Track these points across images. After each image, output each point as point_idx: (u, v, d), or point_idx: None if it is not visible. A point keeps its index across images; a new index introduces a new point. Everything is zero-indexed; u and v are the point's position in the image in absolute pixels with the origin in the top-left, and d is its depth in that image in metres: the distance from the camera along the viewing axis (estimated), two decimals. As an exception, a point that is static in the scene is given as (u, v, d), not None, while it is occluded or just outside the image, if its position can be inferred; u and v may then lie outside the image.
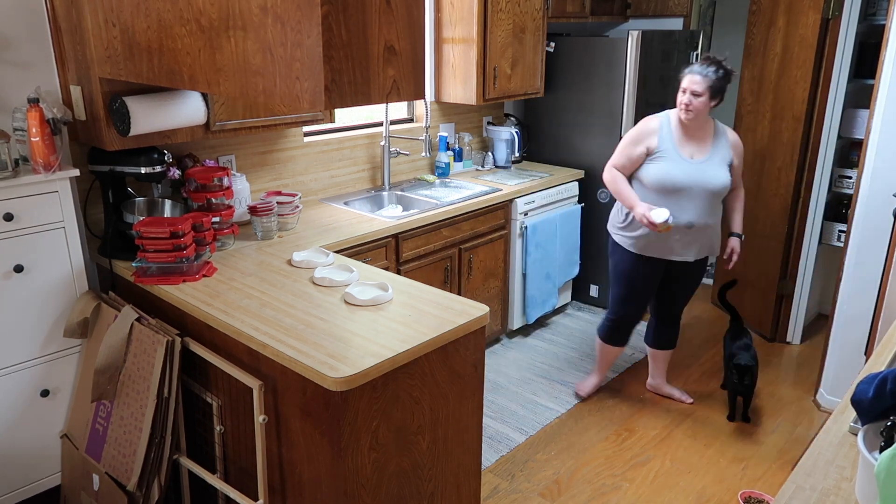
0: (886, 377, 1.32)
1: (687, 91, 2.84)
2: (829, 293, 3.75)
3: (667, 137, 2.94)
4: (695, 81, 2.81)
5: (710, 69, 2.80)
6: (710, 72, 2.80)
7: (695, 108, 2.84)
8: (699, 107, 2.83)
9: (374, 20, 1.52)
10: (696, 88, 2.81)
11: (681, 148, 2.93)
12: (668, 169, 2.90)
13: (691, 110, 2.84)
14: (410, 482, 2.03)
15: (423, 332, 1.95)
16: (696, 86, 2.81)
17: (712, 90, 2.81)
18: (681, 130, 2.95)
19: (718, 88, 2.82)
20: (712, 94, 2.82)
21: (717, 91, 2.82)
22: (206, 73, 1.78)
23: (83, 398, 2.40)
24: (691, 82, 2.82)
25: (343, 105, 1.52)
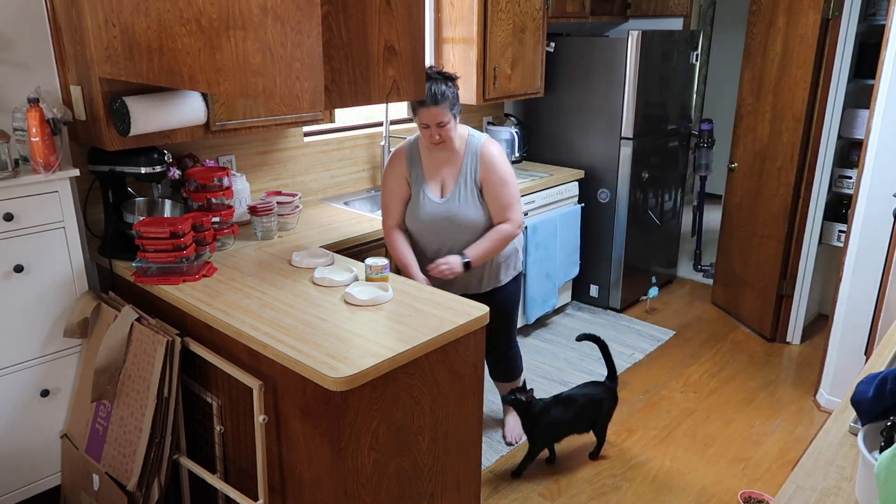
0: (886, 377, 1.32)
1: (431, 125, 2.47)
2: (829, 293, 3.75)
3: (416, 167, 2.64)
4: (436, 114, 2.44)
5: (442, 89, 2.43)
6: (444, 93, 2.43)
7: (446, 138, 2.51)
8: (450, 135, 2.52)
9: (374, 20, 1.52)
10: (442, 119, 2.45)
11: (430, 179, 2.62)
12: (415, 208, 2.63)
13: (443, 141, 2.52)
14: (410, 482, 2.03)
15: (423, 332, 1.95)
16: (440, 117, 2.45)
17: (454, 111, 2.50)
18: (428, 157, 2.62)
19: (457, 105, 2.51)
20: (456, 113, 2.51)
21: (457, 109, 2.52)
22: (206, 73, 1.78)
23: (83, 398, 2.40)
24: (433, 116, 2.44)
25: (343, 105, 1.52)
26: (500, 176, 2.58)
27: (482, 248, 2.59)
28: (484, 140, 2.61)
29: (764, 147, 3.93)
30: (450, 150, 2.60)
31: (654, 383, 3.59)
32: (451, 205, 2.60)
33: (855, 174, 3.49)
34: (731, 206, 4.28)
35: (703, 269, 5.13)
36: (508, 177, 2.60)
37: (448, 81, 2.47)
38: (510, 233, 2.62)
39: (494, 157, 2.57)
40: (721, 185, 4.80)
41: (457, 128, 2.58)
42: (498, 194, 2.58)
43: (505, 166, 2.60)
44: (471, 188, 2.59)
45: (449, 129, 2.51)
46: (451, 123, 2.51)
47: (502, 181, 2.58)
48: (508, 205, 2.60)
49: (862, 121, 3.54)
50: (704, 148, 5.05)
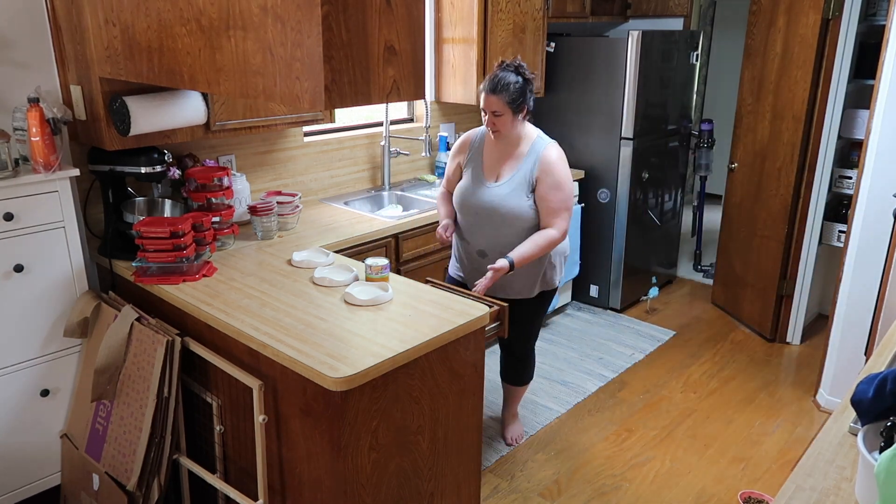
0: (886, 377, 1.32)
1: (487, 112, 2.52)
2: (829, 293, 3.75)
3: (476, 152, 2.69)
4: (491, 101, 2.49)
5: (509, 80, 2.47)
6: (506, 85, 2.46)
7: (501, 128, 2.54)
8: (505, 126, 2.54)
9: (374, 20, 1.52)
10: (495, 108, 2.49)
11: (487, 166, 2.66)
12: (464, 188, 2.67)
13: (498, 130, 2.55)
14: (410, 482, 2.03)
15: (423, 332, 1.95)
16: (493, 105, 2.49)
17: (513, 105, 2.49)
18: (491, 148, 2.66)
19: (520, 101, 2.50)
20: (515, 109, 2.50)
21: (518, 105, 2.50)
22: (206, 73, 1.78)
23: (83, 398, 2.40)
24: (489, 103, 2.50)
25: (343, 105, 1.52)
26: (555, 179, 2.55)
27: (527, 250, 2.54)
28: (549, 144, 2.61)
29: (764, 147, 3.93)
30: (512, 146, 2.61)
31: (654, 383, 3.59)
32: (500, 191, 2.59)
33: (855, 174, 3.49)
34: (731, 206, 4.28)
35: (703, 269, 5.13)
36: (564, 183, 2.57)
37: (519, 76, 2.48)
38: (554, 238, 2.57)
39: (554, 160, 2.56)
40: (721, 185, 4.80)
41: (520, 125, 2.58)
42: (549, 197, 2.55)
43: (563, 172, 2.57)
44: (523, 183, 2.57)
45: (504, 121, 2.51)
46: (507, 117, 2.51)
47: (556, 184, 2.55)
48: (557, 210, 2.56)
49: (862, 121, 3.54)
50: (704, 148, 5.05)
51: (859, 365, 3.05)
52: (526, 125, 2.63)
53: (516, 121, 2.55)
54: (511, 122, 2.54)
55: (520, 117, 2.55)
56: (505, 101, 2.48)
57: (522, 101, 2.51)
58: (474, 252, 2.71)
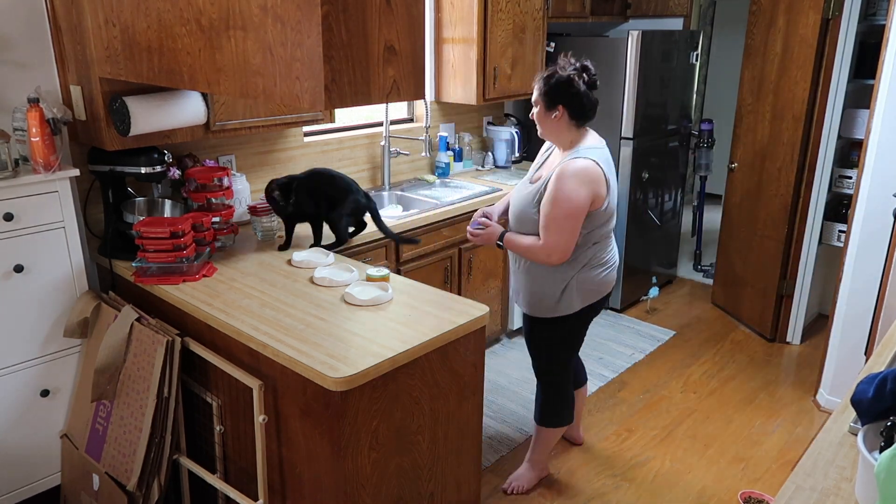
0: (886, 377, 1.32)
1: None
2: (829, 293, 3.75)
3: (542, 157, 2.60)
4: (532, 89, 2.42)
5: (548, 73, 2.37)
6: (541, 77, 2.39)
7: (536, 120, 2.43)
8: (538, 118, 2.42)
9: (374, 20, 1.52)
10: (533, 96, 2.41)
11: (535, 167, 2.57)
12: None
13: (535, 122, 2.44)
14: (410, 482, 2.03)
15: (423, 332, 1.95)
16: (533, 94, 2.41)
17: (547, 99, 2.36)
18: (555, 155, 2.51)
19: (553, 96, 2.34)
20: (547, 103, 2.36)
21: (552, 99, 2.35)
22: (206, 73, 1.78)
23: (83, 398, 2.40)
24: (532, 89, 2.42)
25: (343, 105, 1.52)
26: (553, 193, 2.32)
27: (518, 238, 2.45)
28: (578, 157, 2.35)
29: (764, 147, 3.93)
30: (560, 152, 2.45)
31: (654, 383, 3.59)
32: (522, 191, 2.49)
33: (855, 174, 3.49)
34: (731, 206, 4.28)
35: (703, 269, 5.13)
36: (561, 201, 2.30)
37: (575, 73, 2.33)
38: (534, 248, 2.39)
39: (566, 174, 2.31)
40: (721, 185, 4.80)
41: (563, 128, 2.39)
42: (543, 210, 2.35)
43: (566, 189, 2.30)
44: (538, 190, 2.39)
45: (538, 114, 2.40)
46: (540, 110, 2.38)
47: (552, 198, 2.32)
48: (545, 224, 2.35)
49: (862, 121, 3.54)
50: (704, 148, 5.05)
51: (859, 365, 3.05)
52: (578, 133, 2.42)
53: (547, 117, 2.38)
54: (543, 116, 2.39)
55: (553, 115, 2.37)
56: (538, 93, 2.38)
57: (556, 98, 2.33)
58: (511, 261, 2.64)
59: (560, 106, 2.35)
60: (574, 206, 2.31)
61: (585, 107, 2.37)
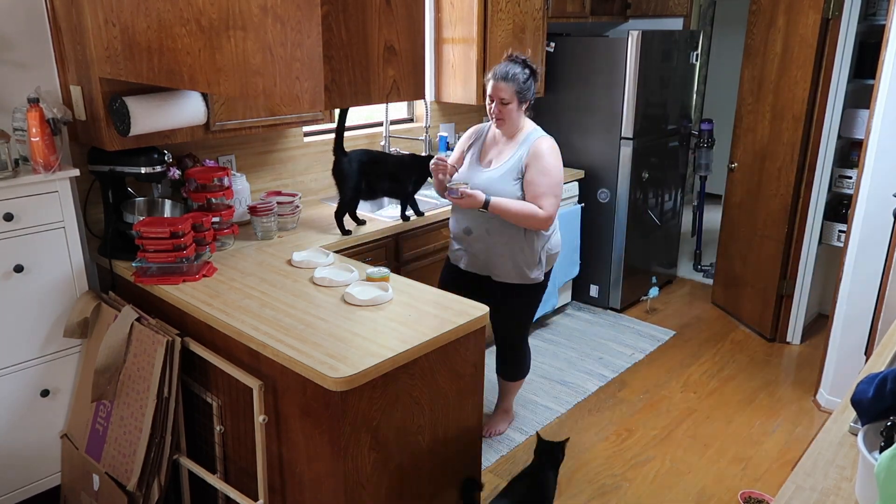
0: (886, 377, 1.32)
1: (495, 99, 2.63)
2: (829, 293, 3.75)
3: (478, 142, 2.82)
4: (500, 88, 2.60)
5: (516, 71, 2.60)
6: (515, 75, 2.59)
7: (505, 116, 2.65)
8: (510, 115, 2.65)
9: (374, 20, 1.52)
10: (503, 96, 2.60)
11: (484, 154, 2.78)
12: (461, 172, 2.78)
13: (502, 118, 2.66)
14: (410, 482, 2.03)
15: (423, 332, 1.95)
16: (502, 93, 2.60)
17: (520, 95, 2.62)
18: (493, 139, 2.78)
19: (526, 92, 2.63)
20: (521, 99, 2.63)
21: (524, 95, 2.63)
22: (206, 73, 1.78)
23: (83, 398, 2.40)
24: (497, 90, 2.61)
25: (343, 105, 1.52)
26: (543, 165, 2.63)
27: (507, 203, 2.62)
28: (541, 136, 2.70)
29: (764, 147, 3.93)
30: (510, 135, 2.71)
31: (654, 383, 3.59)
32: (489, 175, 2.69)
33: (855, 174, 3.49)
34: (731, 206, 4.28)
35: (703, 269, 5.13)
36: (552, 170, 2.65)
37: (525, 69, 2.62)
38: (537, 213, 2.62)
39: (543, 149, 2.65)
40: (721, 185, 4.80)
41: (520, 117, 2.69)
42: (535, 181, 2.63)
43: (552, 160, 2.66)
44: (513, 169, 2.66)
45: (510, 109, 2.62)
46: (513, 106, 2.62)
47: (544, 170, 2.63)
48: (544, 193, 2.63)
49: (862, 121, 3.54)
50: (704, 148, 5.05)
51: (859, 365, 3.05)
52: (525, 119, 2.74)
53: (520, 111, 2.67)
54: (516, 111, 2.65)
55: (523, 108, 2.67)
56: (514, 90, 2.60)
57: (528, 92, 2.64)
58: (461, 230, 2.80)
59: (528, 99, 2.68)
60: (561, 175, 2.70)
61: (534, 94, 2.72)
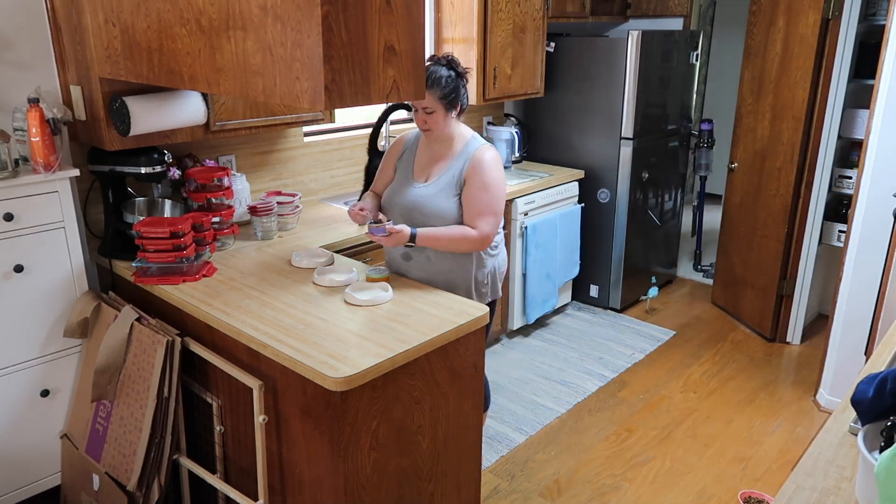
0: (886, 377, 1.32)
1: (419, 108, 2.35)
2: (829, 293, 3.75)
3: (410, 154, 2.53)
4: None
5: (440, 74, 2.30)
6: (438, 79, 2.30)
7: (432, 126, 2.37)
8: (437, 124, 2.36)
9: (374, 20, 1.52)
10: (426, 104, 2.32)
11: (417, 168, 2.49)
12: (393, 188, 2.51)
13: (429, 129, 2.38)
14: (410, 482, 2.03)
15: (423, 332, 1.95)
16: (425, 101, 2.31)
17: (445, 102, 2.32)
18: (424, 148, 2.50)
19: (452, 97, 2.33)
20: (447, 105, 2.33)
21: (451, 101, 2.33)
22: (206, 73, 1.78)
23: (83, 398, 2.40)
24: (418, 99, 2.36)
25: (343, 105, 1.52)
26: (482, 180, 2.36)
27: (436, 231, 2.35)
28: (482, 145, 2.42)
29: (764, 147, 3.93)
30: (445, 146, 2.44)
31: (654, 383, 3.59)
32: (426, 191, 2.42)
33: (855, 174, 3.49)
34: (731, 206, 4.28)
35: (703, 269, 5.13)
36: (493, 186, 2.37)
37: (451, 70, 2.33)
38: (470, 237, 2.35)
39: (484, 162, 2.37)
40: (721, 185, 4.80)
41: (452, 125, 2.41)
42: (474, 198, 2.36)
43: (493, 174, 2.38)
44: (451, 184, 2.39)
45: (436, 118, 2.34)
46: (439, 114, 2.34)
47: (483, 185, 2.36)
48: (480, 213, 2.35)
49: (862, 121, 3.54)
50: (704, 148, 5.05)
51: (859, 365, 3.05)
52: (461, 126, 2.46)
53: (449, 118, 2.38)
54: (443, 119, 2.36)
55: (453, 115, 2.38)
56: (437, 97, 2.30)
57: (455, 97, 2.34)
58: (399, 255, 2.50)
59: (458, 104, 2.39)
60: (502, 190, 2.42)
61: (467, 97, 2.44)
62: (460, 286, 2.45)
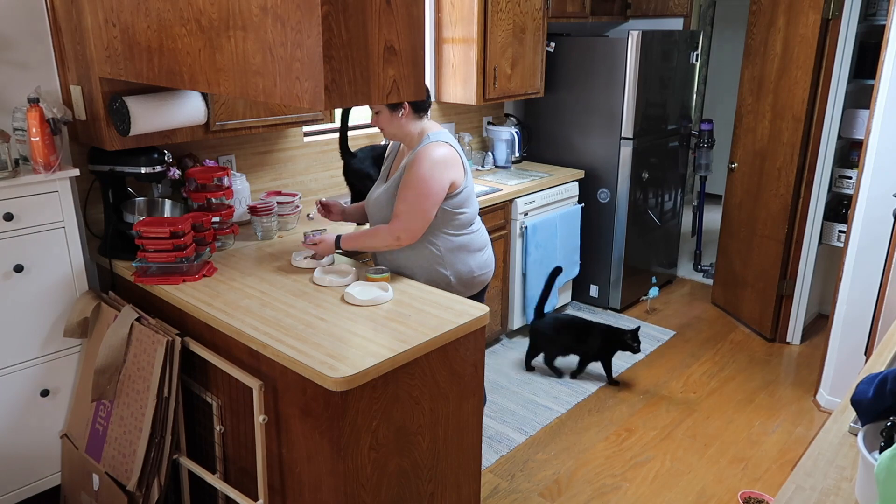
0: (886, 377, 1.32)
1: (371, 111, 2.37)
2: (829, 293, 3.75)
3: (391, 157, 2.55)
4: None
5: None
6: None
7: (381, 126, 2.36)
8: (386, 125, 2.35)
9: (374, 20, 1.52)
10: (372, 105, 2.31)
11: (385, 172, 2.53)
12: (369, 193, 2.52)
13: (381, 129, 2.38)
14: (410, 482, 2.03)
15: (423, 332, 1.95)
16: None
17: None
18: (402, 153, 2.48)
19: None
20: (390, 105, 2.28)
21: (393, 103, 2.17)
22: (206, 73, 1.78)
23: (83, 398, 2.40)
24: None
25: (343, 105, 1.52)
26: (410, 177, 2.28)
27: (356, 236, 2.38)
28: (430, 143, 2.33)
29: (764, 147, 3.93)
30: (407, 145, 2.41)
31: (654, 383, 3.59)
32: (378, 192, 2.43)
33: (855, 174, 3.49)
34: (731, 206, 4.28)
35: (703, 269, 5.13)
36: (418, 183, 2.27)
37: None
38: (381, 233, 2.33)
39: (420, 159, 2.28)
40: (721, 185, 4.80)
41: (406, 124, 2.35)
42: (399, 194, 2.31)
43: (423, 172, 2.27)
44: (397, 181, 2.37)
45: (382, 119, 2.33)
46: (384, 115, 2.32)
47: (408, 183, 2.28)
48: (397, 210, 2.30)
49: (862, 121, 3.54)
50: (704, 148, 5.05)
51: (859, 365, 3.05)
52: (425, 122, 2.39)
53: (395, 118, 2.33)
54: (389, 119, 2.33)
55: (399, 114, 2.32)
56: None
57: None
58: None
59: (405, 103, 2.30)
60: (429, 187, 2.28)
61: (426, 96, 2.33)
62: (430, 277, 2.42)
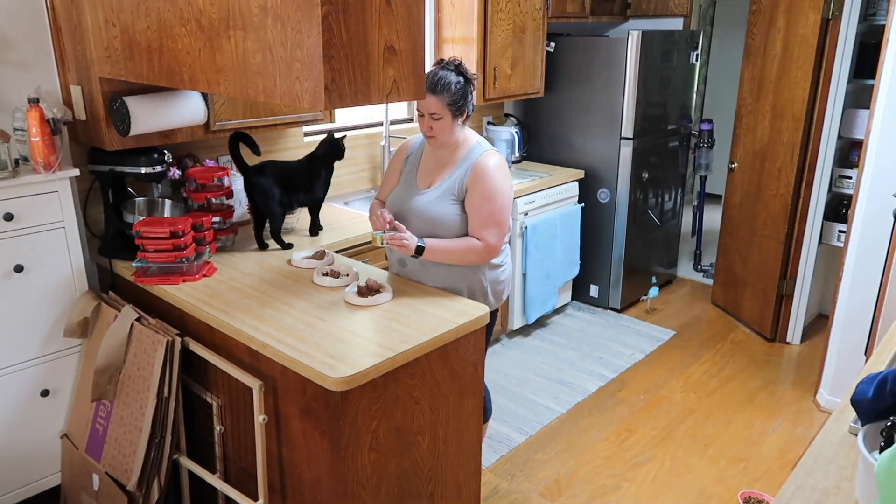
0: (886, 377, 1.32)
1: (425, 115, 2.28)
2: (829, 293, 3.75)
3: (414, 159, 2.47)
4: (430, 103, 2.24)
5: (449, 80, 2.24)
6: (447, 85, 2.23)
7: (438, 133, 2.30)
8: (443, 131, 2.30)
9: (374, 20, 1.52)
10: (433, 110, 2.25)
11: (421, 173, 2.43)
12: (396, 194, 2.45)
13: (434, 136, 2.31)
14: (410, 482, 2.03)
15: (423, 332, 1.95)
16: (433, 108, 2.24)
17: (453, 108, 2.26)
18: (429, 155, 2.43)
19: (461, 104, 2.27)
20: (454, 111, 2.27)
21: (459, 107, 2.27)
22: (206, 73, 1.78)
23: (83, 398, 2.40)
24: (426, 105, 2.25)
25: (343, 105, 1.52)
26: (485, 189, 2.28)
27: (443, 244, 2.30)
28: (486, 151, 2.34)
29: (764, 147, 3.93)
30: (449, 152, 2.37)
31: (654, 383, 3.59)
32: (426, 198, 2.36)
33: (855, 174, 3.49)
34: (731, 206, 4.28)
35: (703, 269, 5.13)
36: (498, 195, 2.29)
37: (460, 76, 2.27)
38: (476, 247, 2.29)
39: (488, 169, 2.29)
40: (721, 185, 4.80)
41: (459, 130, 2.34)
42: (477, 208, 2.29)
43: (498, 182, 2.30)
44: (451, 190, 2.33)
45: (443, 125, 2.28)
46: (446, 121, 2.27)
47: (486, 195, 2.28)
48: (484, 223, 2.29)
49: (862, 121, 3.54)
50: (704, 148, 5.05)
51: (859, 365, 3.05)
52: (466, 131, 2.39)
53: (455, 125, 2.31)
54: (450, 126, 2.29)
55: (459, 121, 2.32)
56: (445, 103, 2.23)
57: (463, 103, 2.28)
58: (395, 260, 2.47)
59: (465, 111, 2.32)
60: (507, 198, 2.33)
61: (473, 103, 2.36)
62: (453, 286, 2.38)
